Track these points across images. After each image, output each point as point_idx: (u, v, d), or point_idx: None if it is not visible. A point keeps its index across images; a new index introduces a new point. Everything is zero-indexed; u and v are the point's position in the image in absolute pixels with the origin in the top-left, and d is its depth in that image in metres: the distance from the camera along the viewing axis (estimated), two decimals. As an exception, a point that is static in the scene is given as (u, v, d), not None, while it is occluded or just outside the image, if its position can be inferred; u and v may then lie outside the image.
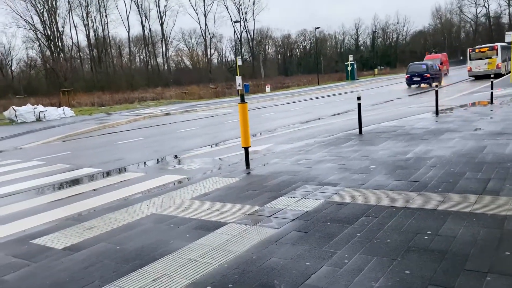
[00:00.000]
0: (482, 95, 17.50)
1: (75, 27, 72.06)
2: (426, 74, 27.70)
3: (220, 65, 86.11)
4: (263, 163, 7.20)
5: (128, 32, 74.18)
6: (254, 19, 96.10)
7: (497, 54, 29.76)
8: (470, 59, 30.86)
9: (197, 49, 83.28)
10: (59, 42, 65.46)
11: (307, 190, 5.23)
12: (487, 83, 19.30)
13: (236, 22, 73.17)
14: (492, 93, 14.31)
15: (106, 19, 71.52)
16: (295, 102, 24.95)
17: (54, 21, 64.29)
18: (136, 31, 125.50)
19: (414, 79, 28.14)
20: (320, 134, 10.50)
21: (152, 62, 77.12)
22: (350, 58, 53.30)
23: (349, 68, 52.00)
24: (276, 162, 7.25)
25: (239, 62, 37.53)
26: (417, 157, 6.64)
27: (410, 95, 22.17)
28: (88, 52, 71.51)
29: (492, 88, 14.46)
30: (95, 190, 6.62)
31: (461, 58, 73.46)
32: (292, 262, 3.24)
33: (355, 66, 54.98)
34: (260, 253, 3.48)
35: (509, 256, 3.08)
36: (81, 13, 68.76)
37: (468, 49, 32.26)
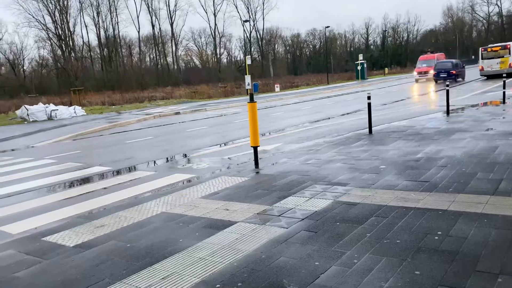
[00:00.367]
0: (494, 95, 17.29)
1: (86, 27, 73.08)
2: (452, 71, 30.34)
3: (229, 64, 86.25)
4: (272, 163, 7.20)
5: (138, 31, 74.50)
6: (263, 19, 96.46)
7: (509, 53, 29.34)
8: (482, 58, 30.49)
9: (206, 48, 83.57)
10: (70, 41, 66.15)
11: (316, 190, 5.22)
12: (499, 83, 19.08)
13: (245, 21, 73.22)
14: (504, 92, 14.13)
15: (116, 19, 72.40)
16: (305, 101, 24.89)
17: (65, 20, 64.97)
18: (146, 31, 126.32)
19: (441, 75, 30.35)
20: (329, 134, 10.47)
21: (162, 61, 77.52)
22: (360, 57, 53.01)
23: (359, 67, 51.74)
24: (285, 161, 7.24)
25: (249, 62, 37.54)
26: (427, 157, 6.58)
27: (421, 95, 21.99)
28: (98, 51, 72.13)
29: (504, 87, 14.28)
30: (106, 188, 6.68)
31: (472, 58, 72.69)
32: (301, 262, 3.24)
33: (365, 66, 54.69)
34: (269, 252, 3.48)
35: (521, 257, 3.05)
36: (92, 12, 69.43)
37: (480, 48, 31.88)
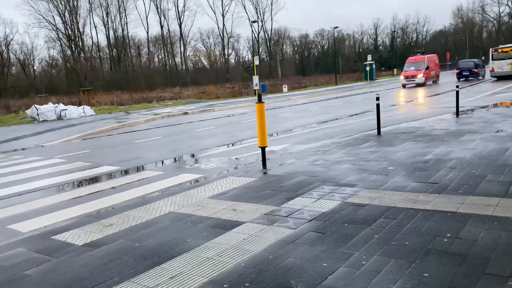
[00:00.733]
0: (505, 96, 17.13)
1: (95, 27, 73.30)
2: (474, 69, 33.12)
3: (237, 65, 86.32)
4: (280, 163, 7.19)
5: (147, 32, 75.08)
6: (271, 19, 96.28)
7: None
8: (493, 59, 30.22)
9: (214, 49, 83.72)
10: (80, 42, 66.61)
11: (324, 191, 5.21)
12: (510, 84, 18.88)
13: (253, 22, 73.14)
14: (515, 94, 13.98)
15: (125, 19, 72.51)
16: (313, 102, 24.84)
17: (75, 21, 65.45)
18: (155, 31, 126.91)
19: (464, 74, 33.53)
20: (337, 135, 10.44)
21: (170, 62, 77.80)
22: (369, 58, 52.76)
23: (367, 68, 51.51)
24: (293, 162, 7.23)
25: (257, 62, 37.52)
26: (436, 158, 6.54)
27: (430, 96, 21.83)
28: (107, 52, 72.60)
29: (515, 89, 14.13)
30: (114, 188, 6.72)
31: (483, 59, 72.02)
32: (309, 263, 3.24)
33: (374, 66, 54.41)
34: (276, 253, 3.48)
35: (532, 260, 3.01)
36: (101, 13, 69.88)
37: (490, 49, 31.60)
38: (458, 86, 11.83)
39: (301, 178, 6.00)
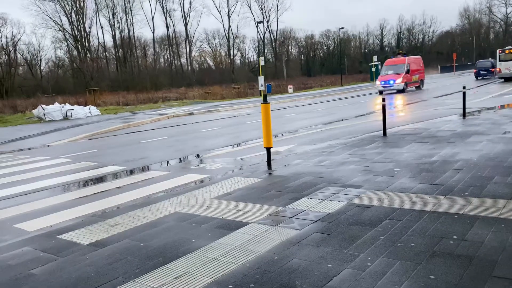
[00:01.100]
0: (512, 98, 16.99)
1: (102, 28, 73.69)
2: (491, 69, 34.17)
3: (242, 65, 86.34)
4: (285, 164, 7.18)
5: (153, 32, 75.16)
6: (277, 20, 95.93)
7: None
8: (500, 61, 30.04)
9: (220, 49, 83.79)
10: (86, 42, 66.96)
11: (330, 192, 5.19)
12: (517, 85, 18.73)
13: (259, 22, 73.30)
14: (522, 95, 13.88)
15: (131, 20, 72.74)
16: (318, 103, 24.80)
17: (81, 22, 65.79)
18: (160, 32, 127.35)
19: (481, 72, 35.29)
20: (343, 136, 10.41)
21: (176, 62, 77.98)
22: (375, 58, 52.56)
23: (373, 69, 51.33)
24: (298, 163, 7.22)
25: (262, 63, 37.52)
26: (443, 160, 6.50)
27: (436, 97, 21.73)
28: (113, 52, 72.87)
29: (522, 90, 14.03)
30: (120, 187, 6.74)
31: (490, 59, 71.48)
32: (314, 264, 3.22)
33: (380, 67, 54.22)
34: (281, 253, 3.47)
35: (539, 263, 2.98)
36: (107, 14, 70.14)
37: (497, 50, 31.40)
38: (464, 87, 11.75)
39: (306, 179, 5.98)
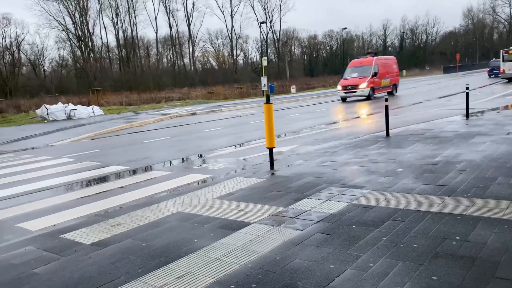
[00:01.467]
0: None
1: (105, 28, 74.00)
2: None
3: (245, 65, 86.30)
4: (288, 164, 7.18)
5: (156, 32, 75.13)
6: (280, 20, 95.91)
7: None
8: (503, 61, 29.96)
9: (223, 49, 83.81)
10: (90, 42, 67.14)
11: (332, 192, 5.19)
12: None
13: (262, 23, 73.25)
14: (526, 96, 13.83)
15: (135, 20, 72.84)
16: (321, 103, 24.78)
17: (85, 22, 65.95)
18: (163, 32, 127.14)
19: (494, 71, 36.04)
20: (346, 136, 10.39)
21: (179, 62, 78.03)
22: (378, 59, 52.42)
23: (376, 69, 51.15)
24: (300, 163, 7.21)
25: (265, 63, 37.47)
26: (446, 160, 6.48)
27: (440, 98, 21.67)
28: (117, 52, 73.00)
29: (526, 90, 13.97)
30: (122, 187, 6.76)
31: (493, 60, 71.24)
32: (316, 264, 3.22)
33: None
34: (283, 254, 3.47)
35: (542, 265, 2.97)
36: (111, 14, 70.26)
37: (501, 50, 31.31)
38: (468, 88, 11.72)
39: (308, 179, 5.98)
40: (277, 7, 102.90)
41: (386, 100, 9.58)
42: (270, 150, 7.05)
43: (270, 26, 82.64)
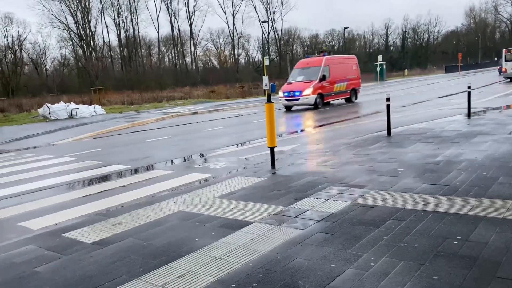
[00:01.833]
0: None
1: (107, 27, 74.10)
2: None
3: (247, 65, 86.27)
4: (289, 164, 7.18)
5: (157, 32, 75.15)
6: (282, 19, 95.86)
7: None
8: (506, 60, 29.88)
9: (224, 49, 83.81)
10: (91, 41, 67.22)
11: (333, 192, 5.19)
12: (523, 85, 18.60)
13: (264, 22, 73.20)
14: (528, 95, 13.78)
15: (136, 19, 73.08)
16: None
17: (87, 21, 66.06)
18: (165, 31, 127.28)
19: (510, 71, 33.34)
20: (347, 135, 10.38)
21: (180, 61, 78.07)
22: (380, 58, 52.39)
23: (378, 68, 51.19)
24: (301, 162, 7.21)
25: (266, 62, 37.48)
26: (447, 160, 6.47)
27: (441, 97, 21.63)
28: (118, 51, 73.08)
29: (528, 90, 13.93)
30: (124, 186, 6.77)
31: (495, 59, 71.19)
32: (317, 264, 3.22)
33: (385, 67, 54.08)
34: (284, 253, 3.47)
35: (544, 264, 2.96)
36: (112, 13, 70.34)
37: (503, 50, 31.23)
38: (469, 87, 11.69)
39: (310, 178, 5.98)
40: (278, 6, 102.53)
41: (388, 99, 9.57)
42: (271, 149, 7.05)
43: (272, 25, 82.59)
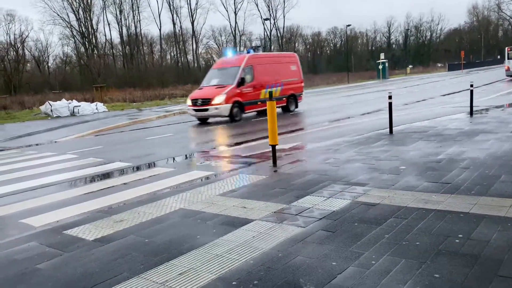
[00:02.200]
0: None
1: (109, 25, 74.28)
2: None
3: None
4: (290, 161, 7.17)
5: (159, 29, 75.41)
6: (284, 17, 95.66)
7: None
8: (508, 58, 29.81)
9: (226, 46, 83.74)
10: (93, 39, 67.29)
11: (335, 190, 5.18)
12: (526, 83, 18.54)
13: (266, 19, 73.06)
14: (531, 93, 13.73)
15: (138, 17, 72.92)
16: (324, 100, 24.71)
17: (89, 18, 66.13)
18: (167, 29, 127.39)
19: None
20: (349, 133, 10.37)
21: (182, 59, 78.09)
22: (382, 56, 52.34)
23: (380, 66, 51.09)
24: (303, 160, 7.20)
25: (268, 60, 37.37)
26: (449, 158, 6.45)
27: (444, 95, 21.57)
28: (120, 49, 73.15)
29: (531, 88, 13.88)
30: (126, 184, 6.77)
31: (498, 57, 70.98)
32: (318, 261, 3.22)
33: (387, 65, 53.97)
34: (286, 251, 3.47)
35: (546, 263, 2.95)
36: (114, 11, 70.43)
37: (506, 47, 31.13)
38: (472, 85, 11.65)
39: (311, 176, 5.97)
40: (280, 4, 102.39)
41: (390, 97, 9.54)
42: (273, 147, 7.04)
43: (274, 23, 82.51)
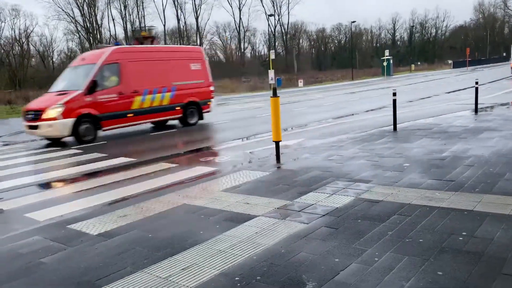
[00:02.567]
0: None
1: (113, 20, 74.23)
2: None
3: (253, 59, 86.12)
4: (294, 158, 7.17)
5: (164, 25, 75.12)
6: (288, 13, 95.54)
7: None
8: (514, 56, 29.61)
9: (230, 42, 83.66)
10: (98, 34, 67.34)
11: (338, 186, 5.17)
12: (532, 81, 18.41)
13: (270, 15, 72.91)
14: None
15: (143, 12, 72.90)
16: (328, 97, 24.66)
17: (93, 14, 66.21)
18: (171, 24, 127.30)
19: None
20: (353, 130, 10.34)
21: (186, 55, 77.97)
22: (386, 53, 52.10)
23: (385, 63, 50.89)
24: (307, 157, 7.20)
25: (272, 56, 37.36)
26: (453, 156, 6.43)
27: (448, 92, 21.47)
28: (125, 44, 73.20)
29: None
30: (129, 179, 6.79)
31: (504, 55, 70.53)
32: (321, 258, 3.22)
33: (391, 62, 53.75)
34: (288, 247, 3.47)
35: (550, 261, 2.94)
36: (119, 6, 70.45)
37: (511, 45, 30.93)
38: (477, 83, 11.58)
39: (315, 173, 5.97)
40: (285, 0, 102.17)
41: (394, 94, 9.50)
42: (277, 143, 7.04)
43: (278, 19, 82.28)
